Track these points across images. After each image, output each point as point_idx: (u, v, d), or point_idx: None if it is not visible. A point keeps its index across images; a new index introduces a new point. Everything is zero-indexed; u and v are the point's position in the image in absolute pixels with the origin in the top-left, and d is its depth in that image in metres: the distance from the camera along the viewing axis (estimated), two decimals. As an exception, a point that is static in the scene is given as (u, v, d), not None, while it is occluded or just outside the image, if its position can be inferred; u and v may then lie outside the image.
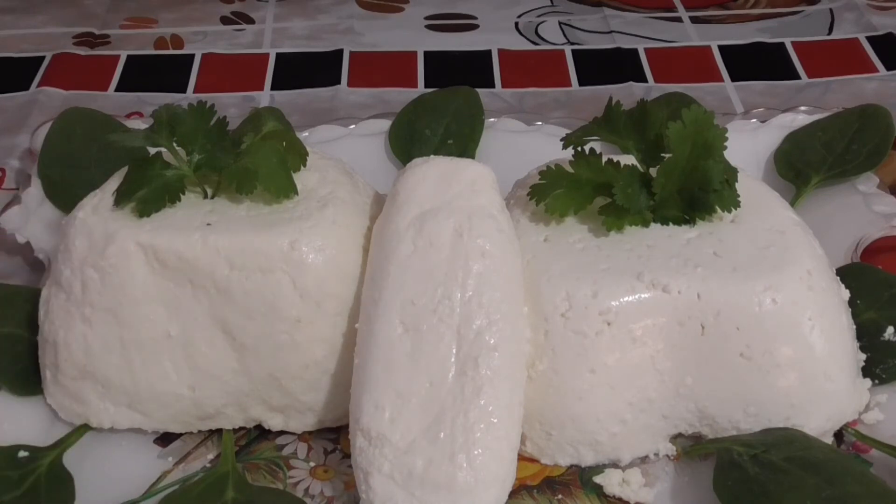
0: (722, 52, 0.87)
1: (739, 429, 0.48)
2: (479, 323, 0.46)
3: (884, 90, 0.81)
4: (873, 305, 0.54)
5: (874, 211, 0.61)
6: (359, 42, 0.89)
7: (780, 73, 0.84)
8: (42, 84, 0.82)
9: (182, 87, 0.83)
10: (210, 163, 0.50)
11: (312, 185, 0.52)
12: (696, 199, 0.50)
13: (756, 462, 0.44)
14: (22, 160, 0.72)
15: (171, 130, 0.50)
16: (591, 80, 0.83)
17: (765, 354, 0.47)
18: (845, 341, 0.49)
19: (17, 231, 0.61)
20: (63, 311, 0.50)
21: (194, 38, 0.90)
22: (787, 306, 0.47)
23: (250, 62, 0.87)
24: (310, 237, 0.49)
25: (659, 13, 0.94)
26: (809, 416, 0.48)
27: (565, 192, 0.51)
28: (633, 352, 0.48)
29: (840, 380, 0.48)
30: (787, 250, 0.49)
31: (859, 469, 0.44)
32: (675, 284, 0.48)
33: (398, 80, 0.83)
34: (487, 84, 0.82)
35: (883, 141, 0.64)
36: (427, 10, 0.95)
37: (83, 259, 0.49)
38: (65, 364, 0.50)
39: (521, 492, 0.49)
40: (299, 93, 0.82)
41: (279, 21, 0.93)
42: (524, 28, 0.92)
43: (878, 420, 0.50)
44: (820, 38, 0.89)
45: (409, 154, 0.64)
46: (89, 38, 0.90)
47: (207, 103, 0.52)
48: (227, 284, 0.48)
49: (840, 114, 0.67)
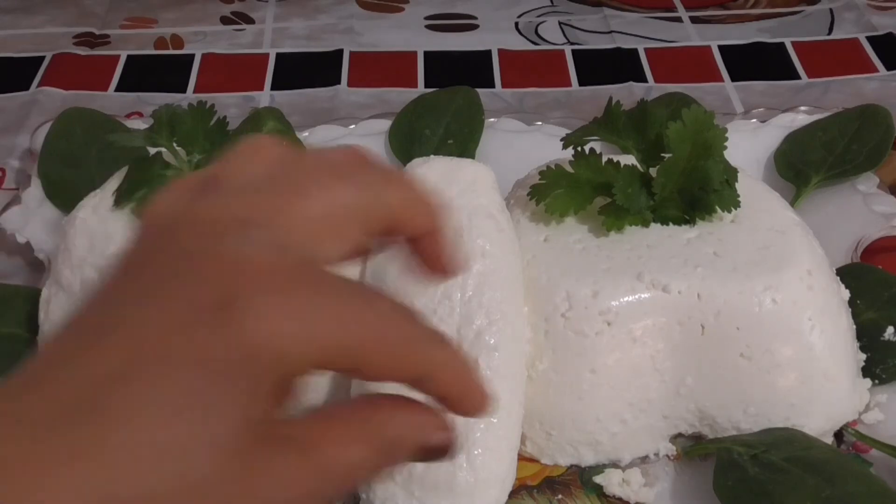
0: (722, 52, 0.87)
1: (739, 429, 0.48)
2: (479, 323, 0.46)
3: (884, 90, 0.81)
4: (873, 305, 0.54)
5: (874, 211, 0.61)
6: (359, 42, 0.89)
7: (780, 73, 0.84)
8: (42, 84, 0.82)
9: (182, 87, 0.83)
10: (210, 163, 0.50)
11: (312, 185, 0.52)
12: (696, 199, 0.50)
13: (756, 462, 0.44)
14: (22, 160, 0.72)
15: (171, 130, 0.50)
16: (591, 80, 0.83)
17: (765, 354, 0.47)
18: (845, 341, 0.49)
19: (17, 231, 0.60)
20: (63, 311, 0.50)
21: (194, 38, 0.90)
22: (787, 306, 0.47)
23: (250, 62, 0.87)
24: (310, 237, 0.49)
25: (659, 13, 0.94)
26: (809, 416, 0.48)
27: (565, 192, 0.51)
28: (634, 352, 0.48)
29: (840, 380, 0.48)
30: (787, 250, 0.49)
31: (859, 469, 0.44)
32: (675, 284, 0.48)
33: (398, 80, 0.83)
34: (487, 84, 0.82)
35: (883, 141, 0.64)
36: (427, 10, 0.95)
37: (83, 259, 0.49)
38: (65, 364, 0.50)
39: (521, 492, 0.49)
40: (299, 93, 0.82)
41: (279, 21, 0.93)
42: (524, 28, 0.92)
43: (878, 420, 0.50)
44: (820, 38, 0.89)
45: (409, 154, 0.64)
46: (89, 38, 0.90)
47: (207, 103, 0.52)
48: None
49: (840, 114, 0.67)
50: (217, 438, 0.28)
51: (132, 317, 0.29)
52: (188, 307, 0.28)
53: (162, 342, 0.28)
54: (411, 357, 0.32)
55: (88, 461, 0.26)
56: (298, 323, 0.29)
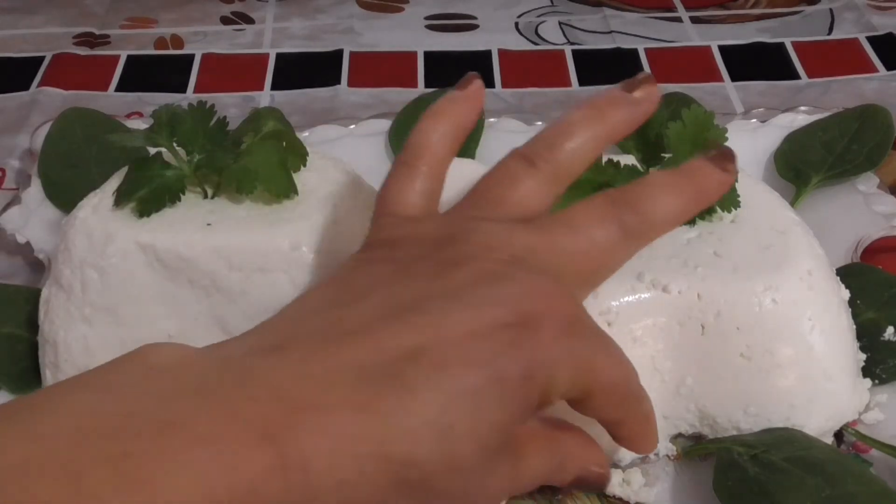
0: (722, 52, 0.87)
1: (740, 429, 0.48)
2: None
3: (884, 90, 0.81)
4: (873, 305, 0.54)
5: (874, 211, 0.61)
6: (359, 42, 0.89)
7: (780, 73, 0.84)
8: (42, 84, 0.82)
9: (182, 87, 0.83)
10: (210, 163, 0.50)
11: (312, 185, 0.52)
12: (696, 199, 0.50)
13: (756, 462, 0.44)
14: (22, 160, 0.72)
15: (171, 130, 0.50)
16: (591, 80, 0.83)
17: (765, 354, 0.47)
18: (845, 341, 0.49)
19: (17, 231, 0.60)
20: (63, 311, 0.50)
21: (194, 38, 0.90)
22: (787, 306, 0.47)
23: (250, 62, 0.87)
24: (309, 237, 0.49)
25: (659, 13, 0.94)
26: (809, 416, 0.48)
27: (565, 191, 0.51)
28: (634, 352, 0.48)
29: (840, 380, 0.48)
30: (787, 250, 0.49)
31: (859, 469, 0.44)
32: (675, 284, 0.47)
33: (398, 80, 0.83)
34: (487, 84, 0.82)
35: (883, 141, 0.64)
36: (427, 10, 0.95)
37: (83, 259, 0.49)
38: (65, 364, 0.50)
39: (522, 492, 0.49)
40: (299, 93, 0.82)
41: (279, 21, 0.93)
42: (524, 28, 0.92)
43: (878, 420, 0.50)
44: (820, 38, 0.89)
45: (409, 154, 0.64)
46: (89, 38, 0.90)
47: (207, 103, 0.52)
48: (227, 284, 0.48)
49: (840, 114, 0.67)
50: (481, 435, 0.32)
51: (440, 308, 0.33)
52: (492, 319, 0.33)
53: (465, 340, 0.32)
54: (627, 406, 0.38)
55: (372, 415, 0.30)
56: (572, 359, 0.35)
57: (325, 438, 0.29)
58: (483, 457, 0.32)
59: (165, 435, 0.27)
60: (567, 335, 0.35)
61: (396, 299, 0.34)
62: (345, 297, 0.35)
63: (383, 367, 0.31)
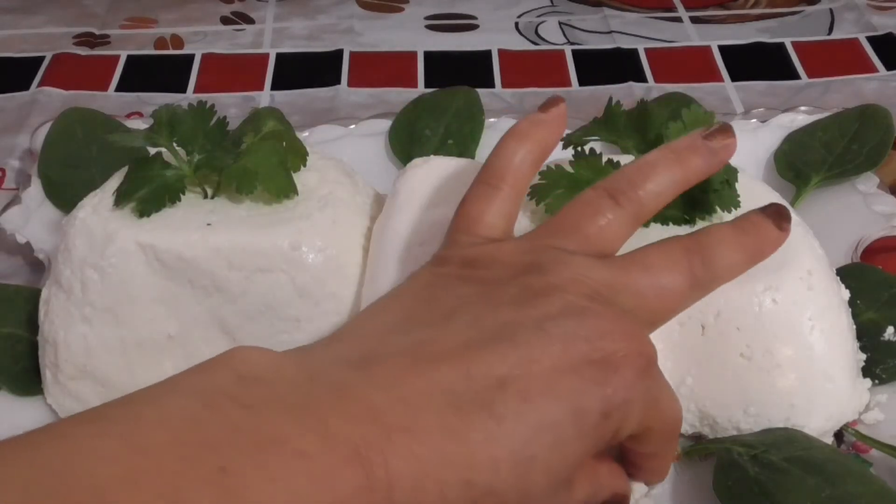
0: (722, 52, 0.87)
1: (740, 429, 0.48)
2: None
3: (884, 90, 0.81)
4: (873, 305, 0.54)
5: (874, 211, 0.61)
6: (359, 42, 0.89)
7: (780, 73, 0.84)
8: (42, 84, 0.82)
9: (182, 87, 0.83)
10: (210, 163, 0.50)
11: (312, 185, 0.52)
12: (696, 199, 0.50)
13: (756, 462, 0.44)
14: (22, 160, 0.72)
15: (171, 130, 0.50)
16: (591, 80, 0.83)
17: (765, 354, 0.47)
18: (845, 341, 0.49)
19: (17, 231, 0.60)
20: (63, 311, 0.50)
21: (194, 38, 0.90)
22: (787, 306, 0.47)
23: (250, 62, 0.87)
24: (309, 237, 0.49)
25: (659, 13, 0.94)
26: (809, 416, 0.48)
27: (565, 192, 0.51)
28: (633, 352, 0.48)
29: (840, 380, 0.48)
30: (787, 250, 0.49)
31: (859, 469, 0.44)
32: (675, 284, 0.47)
33: (398, 80, 0.83)
34: (487, 84, 0.82)
35: (883, 141, 0.64)
36: (427, 10, 0.95)
37: (83, 259, 0.49)
38: (65, 364, 0.50)
39: (522, 492, 0.49)
40: (299, 93, 0.82)
41: (279, 21, 0.93)
42: (524, 28, 0.92)
43: (878, 420, 0.50)
44: (820, 38, 0.89)
45: (409, 154, 0.64)
46: (89, 38, 0.90)
47: (207, 103, 0.52)
48: (227, 284, 0.48)
49: (840, 114, 0.67)
50: (556, 467, 0.33)
51: (527, 339, 0.34)
52: (577, 355, 0.34)
53: (550, 374, 0.34)
54: (672, 443, 0.41)
55: (461, 442, 0.31)
56: (646, 400, 0.36)
57: (413, 462, 0.30)
58: (552, 487, 0.33)
59: (263, 451, 0.28)
60: (643, 376, 0.36)
61: (483, 324, 0.35)
62: (428, 315, 0.36)
63: (473, 394, 0.32)
